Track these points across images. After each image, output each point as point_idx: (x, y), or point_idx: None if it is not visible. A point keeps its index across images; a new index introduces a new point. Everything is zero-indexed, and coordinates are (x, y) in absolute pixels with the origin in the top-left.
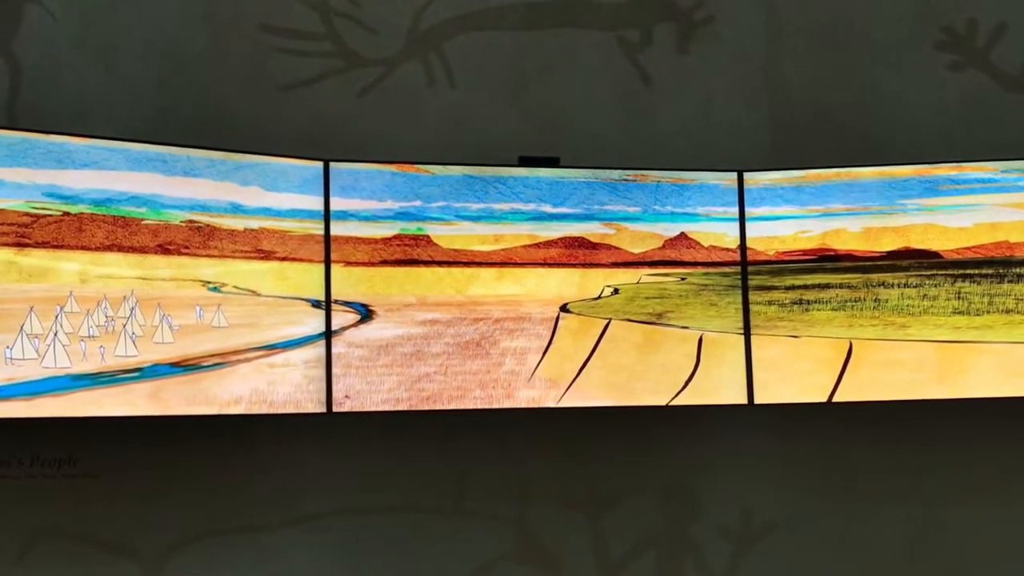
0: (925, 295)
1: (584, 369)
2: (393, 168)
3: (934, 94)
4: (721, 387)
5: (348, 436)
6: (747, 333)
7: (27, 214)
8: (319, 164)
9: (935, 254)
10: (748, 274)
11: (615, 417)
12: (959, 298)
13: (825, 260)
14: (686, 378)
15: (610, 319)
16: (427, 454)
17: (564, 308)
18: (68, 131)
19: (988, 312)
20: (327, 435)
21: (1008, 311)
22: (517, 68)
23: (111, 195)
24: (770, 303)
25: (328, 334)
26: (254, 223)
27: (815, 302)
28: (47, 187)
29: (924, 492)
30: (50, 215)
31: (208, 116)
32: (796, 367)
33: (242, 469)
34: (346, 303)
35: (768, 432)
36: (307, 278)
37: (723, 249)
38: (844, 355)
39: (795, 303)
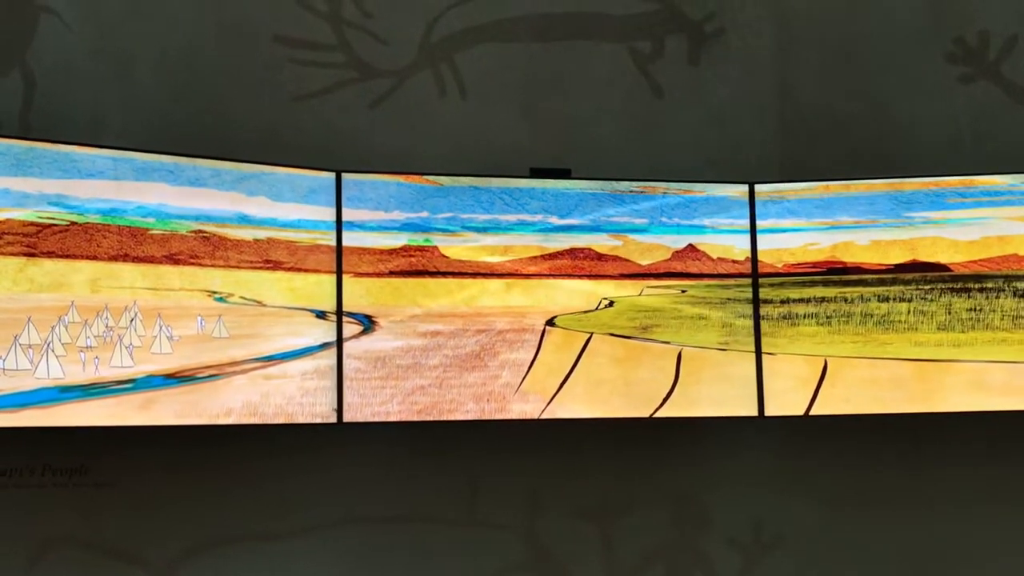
0: (914, 310)
1: (565, 384)
2: (400, 179)
3: (944, 106)
4: (699, 403)
5: (357, 446)
6: (758, 346)
7: (34, 223)
8: (325, 174)
9: (943, 267)
10: (751, 286)
11: (625, 428)
12: (948, 313)
13: (832, 273)
14: (665, 394)
15: (592, 333)
16: (437, 464)
17: (550, 322)
18: (80, 141)
19: (973, 329)
20: (336, 444)
21: (993, 328)
22: (528, 79)
23: (118, 205)
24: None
25: (339, 343)
26: (262, 233)
27: (804, 316)
28: (54, 196)
29: (934, 505)
30: (57, 224)
31: (221, 126)
32: (774, 385)
33: (251, 479)
34: (349, 314)
35: (777, 444)
36: (315, 289)
37: (731, 261)
38: (820, 371)
39: (783, 317)
